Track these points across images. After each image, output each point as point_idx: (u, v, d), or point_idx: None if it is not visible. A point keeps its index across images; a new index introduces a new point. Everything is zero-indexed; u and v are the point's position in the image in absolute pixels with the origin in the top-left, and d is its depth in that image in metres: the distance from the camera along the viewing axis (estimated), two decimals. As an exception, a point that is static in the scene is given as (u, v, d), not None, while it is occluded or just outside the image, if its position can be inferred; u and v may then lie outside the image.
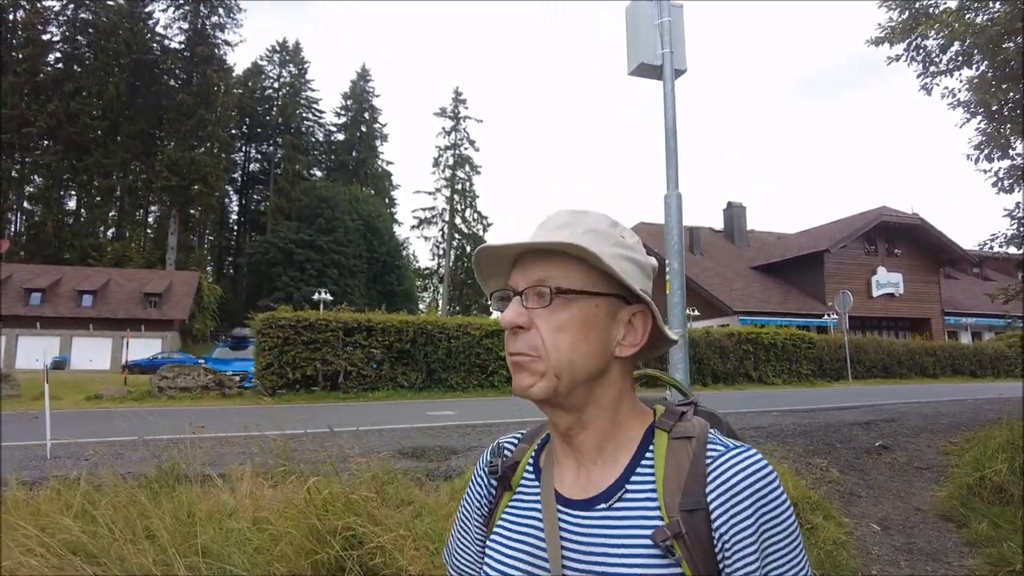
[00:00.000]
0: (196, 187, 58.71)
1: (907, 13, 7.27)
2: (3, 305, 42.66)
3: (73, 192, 63.41)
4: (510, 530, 0.87)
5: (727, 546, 0.73)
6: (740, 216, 37.61)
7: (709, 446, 0.79)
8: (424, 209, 76.22)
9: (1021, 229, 8.64)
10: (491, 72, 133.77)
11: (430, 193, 76.47)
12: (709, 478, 0.76)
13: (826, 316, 28.51)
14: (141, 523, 3.37)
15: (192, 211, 63.81)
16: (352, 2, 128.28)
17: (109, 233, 64.43)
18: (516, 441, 0.97)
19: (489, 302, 0.87)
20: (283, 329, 14.10)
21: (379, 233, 65.67)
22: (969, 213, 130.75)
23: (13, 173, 58.44)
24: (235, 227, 78.63)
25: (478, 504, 0.96)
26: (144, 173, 62.23)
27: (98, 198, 61.85)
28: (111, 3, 62.33)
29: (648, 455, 0.82)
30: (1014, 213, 8.71)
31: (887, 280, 31.98)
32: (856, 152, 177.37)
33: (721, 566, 0.74)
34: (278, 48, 76.43)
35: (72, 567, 2.98)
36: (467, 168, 77.25)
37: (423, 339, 15.51)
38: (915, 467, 6.34)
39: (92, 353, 43.66)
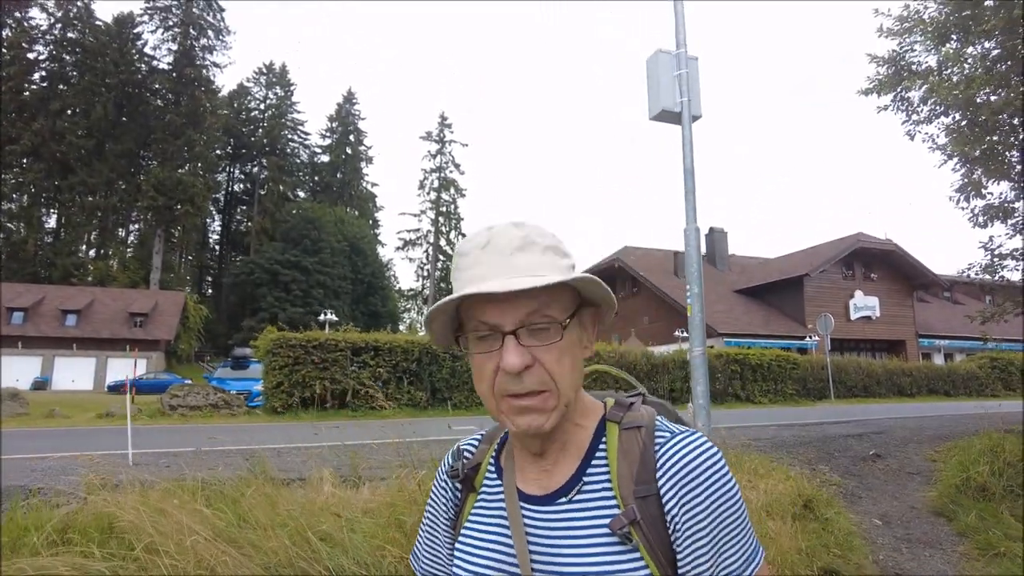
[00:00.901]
0: (182, 207, 58.72)
1: (893, 69, 8.19)
2: (-16, 324, 42.23)
3: (55, 211, 63.01)
4: (478, 530, 0.89)
5: (679, 527, 0.78)
6: (722, 241, 38.72)
7: (657, 433, 0.84)
8: (409, 231, 76.82)
9: (994, 260, 9.58)
10: (475, 96, 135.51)
11: (415, 215, 77.20)
12: (658, 463, 0.81)
13: (808, 338, 29.48)
14: (262, 514, 3.89)
15: (175, 231, 63.74)
16: (339, 25, 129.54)
17: (91, 253, 64.04)
18: (476, 442, 0.99)
19: (465, 339, 0.83)
20: (293, 349, 14.53)
21: (364, 254, 66.06)
22: (938, 239, 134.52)
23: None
24: (216, 247, 78.47)
25: (444, 508, 0.97)
26: (128, 192, 62.10)
27: (80, 218, 61.47)
28: (99, 23, 62.66)
29: (602, 447, 0.86)
30: (987, 245, 9.67)
31: (864, 303, 33.16)
32: (829, 178, 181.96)
33: (675, 545, 0.79)
34: (264, 70, 77.09)
35: (219, 549, 3.49)
36: (452, 191, 78.16)
37: (428, 359, 16.02)
38: (906, 472, 7.04)
39: (75, 373, 43.27)
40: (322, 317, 18.45)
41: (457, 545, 0.91)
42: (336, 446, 5.82)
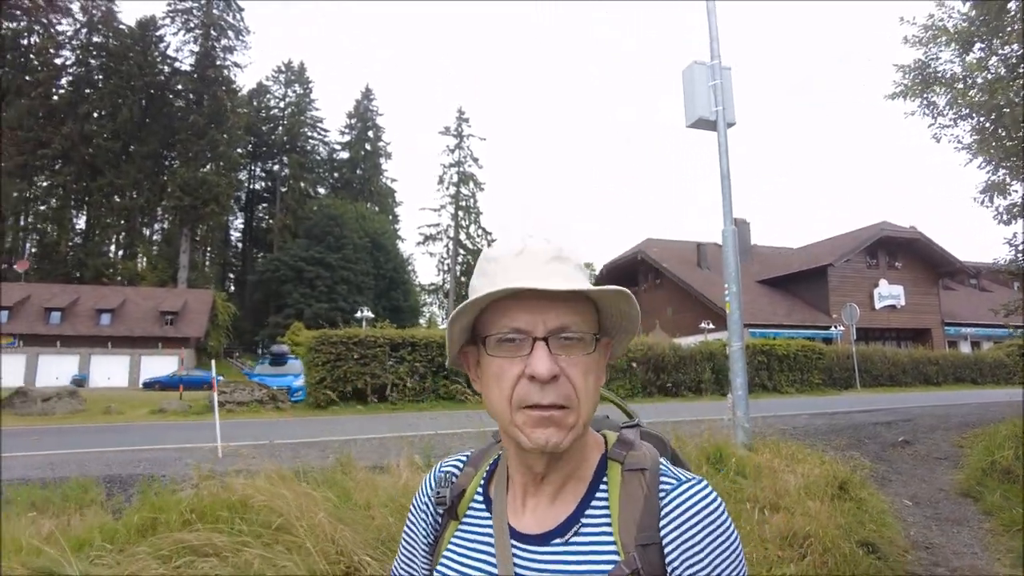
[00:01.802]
0: (207, 207, 59.91)
1: (919, 77, 8.52)
2: (24, 324, 43.61)
3: (84, 212, 64.57)
4: (459, 563, 0.85)
5: None
6: (745, 231, 38.78)
7: (662, 479, 0.81)
8: (429, 225, 77.45)
9: (1018, 255, 9.90)
10: (492, 90, 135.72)
11: (435, 210, 77.81)
12: (663, 512, 0.77)
13: (832, 328, 29.64)
14: (362, 496, 4.42)
15: (199, 229, 65.07)
16: (356, 21, 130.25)
17: (120, 253, 65.58)
18: (461, 465, 0.95)
19: (490, 341, 0.78)
20: (335, 346, 15.14)
21: (385, 250, 66.88)
22: (965, 225, 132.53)
23: (27, 194, 59.61)
24: (238, 245, 79.77)
25: (423, 532, 0.93)
26: (153, 192, 63.45)
27: (109, 219, 62.95)
28: (122, 27, 63.89)
29: (603, 488, 0.82)
30: (1012, 241, 10.01)
31: (889, 292, 33.19)
32: (852, 166, 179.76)
33: None
34: (283, 68, 77.89)
35: (333, 527, 4.02)
36: (471, 185, 78.69)
37: (462, 354, 16.56)
38: (934, 457, 7.43)
39: (110, 371, 44.53)
40: (358, 314, 19.09)
41: (436, 574, 0.87)
42: (406, 436, 6.33)
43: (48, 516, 4.07)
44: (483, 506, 0.88)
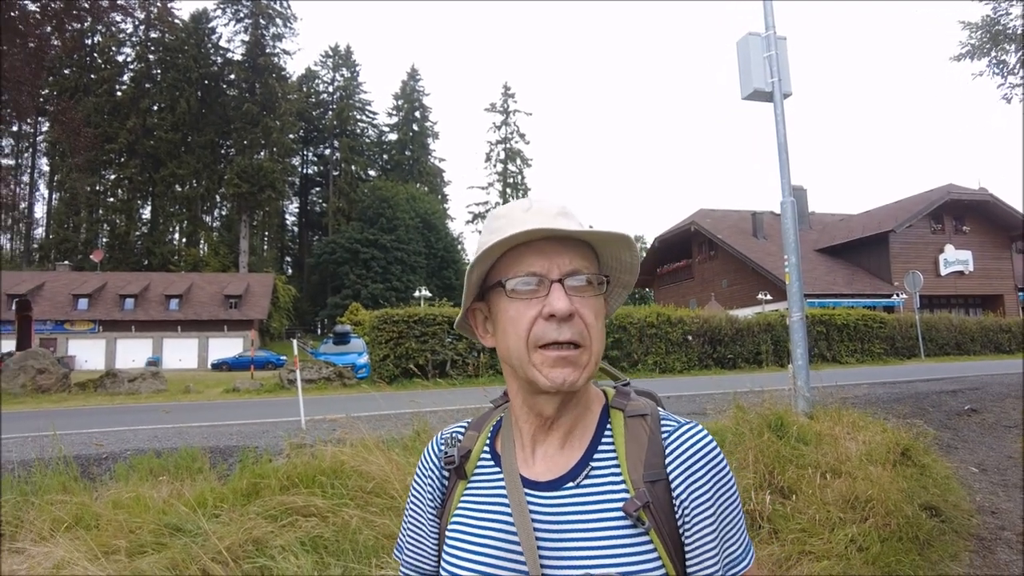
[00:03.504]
0: (264, 193, 61.80)
1: (987, 34, 8.17)
2: (102, 311, 46.28)
3: (148, 203, 67.48)
4: (474, 517, 0.88)
5: (687, 511, 0.81)
6: (802, 199, 37.72)
7: (663, 422, 0.87)
8: (478, 204, 78.05)
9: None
10: (538, 64, 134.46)
11: (483, 188, 78.38)
12: (667, 451, 0.84)
13: (894, 296, 28.76)
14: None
15: (257, 215, 67.26)
16: (400, 2, 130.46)
17: (183, 240, 68.46)
18: (463, 430, 0.99)
19: (508, 285, 0.83)
20: (397, 324, 15.68)
21: (436, 229, 67.82)
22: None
23: (97, 187, 62.69)
24: (294, 229, 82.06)
25: (430, 496, 0.96)
26: (212, 181, 65.77)
27: (172, 208, 65.64)
28: (177, 22, 65.91)
29: (607, 433, 0.87)
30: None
31: (956, 258, 31.89)
32: (915, 129, 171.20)
33: (681, 530, 0.81)
34: (331, 53, 79.12)
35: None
36: (518, 161, 78.75)
37: (516, 330, 16.91)
38: (1003, 425, 7.34)
39: (181, 353, 46.88)
40: (416, 294, 19.59)
41: (449, 534, 0.89)
42: (471, 408, 6.63)
43: (164, 482, 4.55)
44: (491, 462, 0.92)
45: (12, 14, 16.95)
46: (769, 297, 28.14)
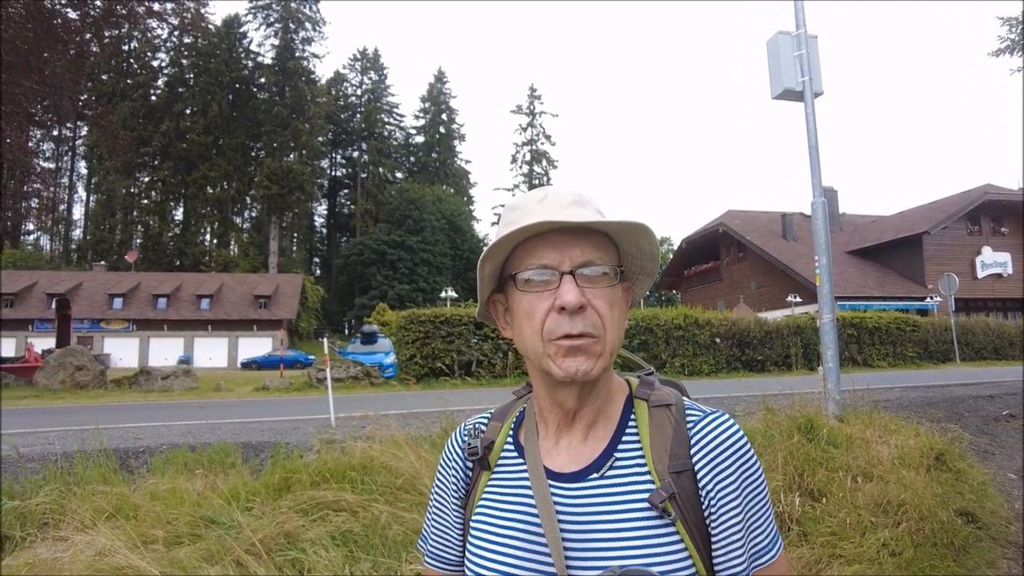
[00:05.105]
0: (294, 195, 62.75)
1: (1025, 30, 7.98)
2: (136, 310, 47.39)
3: (181, 204, 68.90)
4: (499, 509, 0.87)
5: (713, 501, 0.80)
6: (832, 200, 37.12)
7: (688, 411, 0.87)
8: (503, 205, 77.74)
9: None
10: (564, 65, 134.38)
11: (508, 189, 78.43)
12: (692, 441, 0.83)
13: (928, 299, 28.13)
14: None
15: (286, 217, 68.27)
16: (426, 2, 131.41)
17: (214, 241, 69.78)
18: (486, 420, 0.98)
19: (520, 278, 0.83)
20: (424, 325, 15.80)
21: (462, 231, 68.21)
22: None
23: (132, 189, 64.23)
24: (323, 230, 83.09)
25: (454, 487, 0.95)
26: (242, 183, 66.93)
27: (203, 210, 66.95)
28: (210, 27, 67.24)
29: (631, 424, 0.87)
30: None
31: (994, 260, 31.08)
32: (950, 129, 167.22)
33: (708, 520, 0.80)
34: (359, 56, 79.95)
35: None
36: (544, 163, 78.76)
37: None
38: (1042, 431, 7.14)
39: (211, 352, 47.78)
40: (443, 294, 19.72)
41: (473, 526, 0.89)
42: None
43: (199, 475, 4.66)
44: (515, 453, 0.91)
45: (55, 21, 17.49)
46: (799, 300, 27.74)
